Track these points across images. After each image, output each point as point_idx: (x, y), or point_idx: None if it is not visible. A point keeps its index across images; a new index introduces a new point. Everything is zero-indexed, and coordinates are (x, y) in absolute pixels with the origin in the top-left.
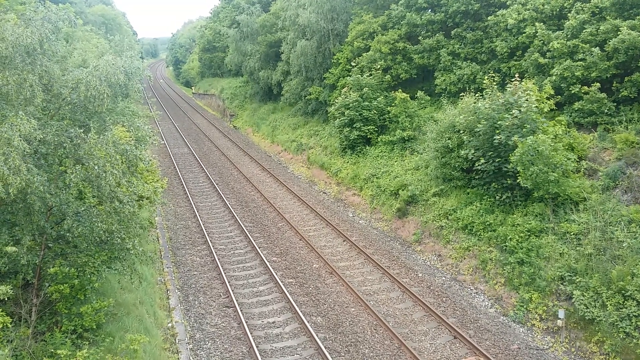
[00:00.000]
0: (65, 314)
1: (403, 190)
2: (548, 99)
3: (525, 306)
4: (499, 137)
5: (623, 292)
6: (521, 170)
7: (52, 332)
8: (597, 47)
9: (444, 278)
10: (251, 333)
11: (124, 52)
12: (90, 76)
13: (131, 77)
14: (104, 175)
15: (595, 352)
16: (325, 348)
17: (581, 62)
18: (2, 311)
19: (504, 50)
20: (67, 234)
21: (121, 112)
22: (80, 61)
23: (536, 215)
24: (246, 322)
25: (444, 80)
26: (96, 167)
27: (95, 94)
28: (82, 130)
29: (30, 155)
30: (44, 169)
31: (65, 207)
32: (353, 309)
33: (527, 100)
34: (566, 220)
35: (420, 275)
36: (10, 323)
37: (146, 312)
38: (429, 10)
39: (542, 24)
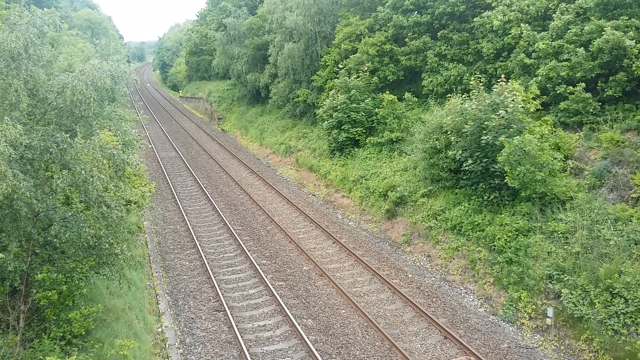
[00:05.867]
0: (54, 320)
1: (392, 191)
2: (534, 99)
3: (514, 305)
4: (486, 138)
5: (611, 289)
6: (508, 170)
7: (41, 339)
8: (582, 48)
9: (433, 278)
10: (242, 336)
11: (110, 56)
12: (76, 80)
13: (118, 81)
14: (91, 180)
15: (584, 350)
16: (317, 350)
17: (566, 63)
18: None
19: (490, 51)
20: (55, 240)
21: (108, 116)
22: (66, 65)
23: (524, 215)
24: (236, 325)
25: (431, 81)
26: (83, 172)
27: (82, 99)
28: (68, 135)
29: (16, 161)
30: (30, 175)
31: (52, 213)
32: (344, 311)
33: (513, 100)
34: (553, 219)
35: (410, 276)
36: None
37: (135, 318)
38: (415, 12)
39: (527, 25)
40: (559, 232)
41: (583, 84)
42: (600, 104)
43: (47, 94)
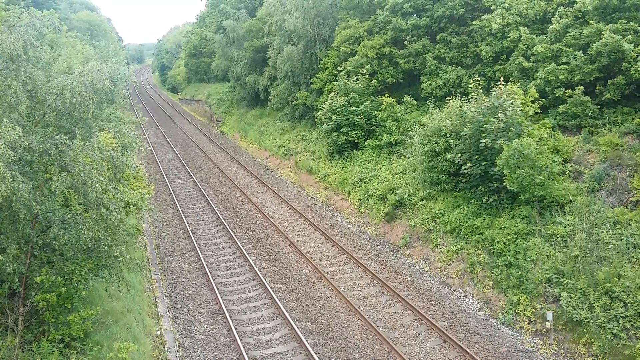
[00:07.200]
0: (53, 322)
1: (391, 194)
2: (533, 102)
3: (513, 309)
4: (485, 141)
5: (610, 293)
6: (507, 173)
7: (40, 342)
8: (581, 51)
9: (432, 282)
10: (241, 340)
11: (110, 58)
12: (76, 82)
13: (117, 83)
14: (90, 182)
15: (583, 354)
16: (316, 354)
17: (565, 66)
18: None
19: (489, 54)
20: (53, 242)
21: (107, 118)
22: (65, 67)
23: (523, 218)
24: (235, 328)
25: (430, 84)
26: (82, 174)
27: (81, 100)
28: (67, 137)
29: (15, 163)
30: (29, 177)
31: (51, 215)
32: (343, 314)
33: (512, 103)
34: (552, 223)
35: (409, 279)
36: None
37: (134, 320)
38: (415, 15)
39: (526, 28)
40: (558, 236)
41: (582, 87)
42: (599, 107)
43: (46, 95)
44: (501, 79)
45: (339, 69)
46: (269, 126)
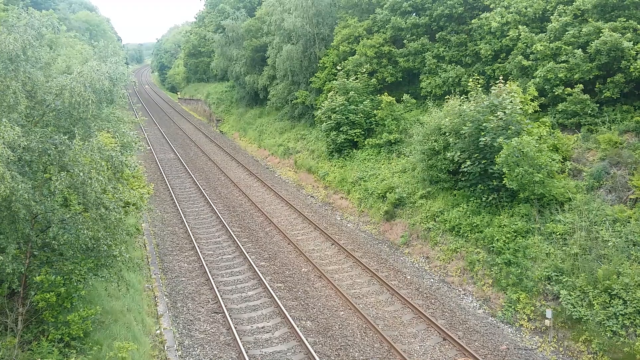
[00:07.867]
0: (52, 322)
1: (390, 193)
2: (532, 100)
3: (513, 306)
4: (484, 139)
5: (609, 291)
6: (507, 171)
7: (39, 341)
8: (580, 49)
9: (432, 280)
10: (240, 338)
11: (109, 58)
12: (75, 82)
13: (116, 83)
14: (89, 181)
15: (582, 351)
16: (315, 352)
17: (564, 64)
18: None
19: (488, 53)
20: (53, 242)
21: (106, 118)
22: (65, 67)
23: (522, 216)
24: (235, 327)
25: (429, 83)
26: (81, 174)
27: (80, 100)
28: (66, 137)
29: (14, 163)
30: (28, 177)
31: (50, 215)
32: (342, 313)
33: (511, 102)
34: (552, 221)
35: (408, 277)
36: None
37: (134, 320)
38: (414, 14)
39: (525, 26)
40: (558, 234)
41: (581, 85)
42: (598, 105)
43: (46, 95)
44: (500, 78)
45: (338, 68)
46: (268, 125)
